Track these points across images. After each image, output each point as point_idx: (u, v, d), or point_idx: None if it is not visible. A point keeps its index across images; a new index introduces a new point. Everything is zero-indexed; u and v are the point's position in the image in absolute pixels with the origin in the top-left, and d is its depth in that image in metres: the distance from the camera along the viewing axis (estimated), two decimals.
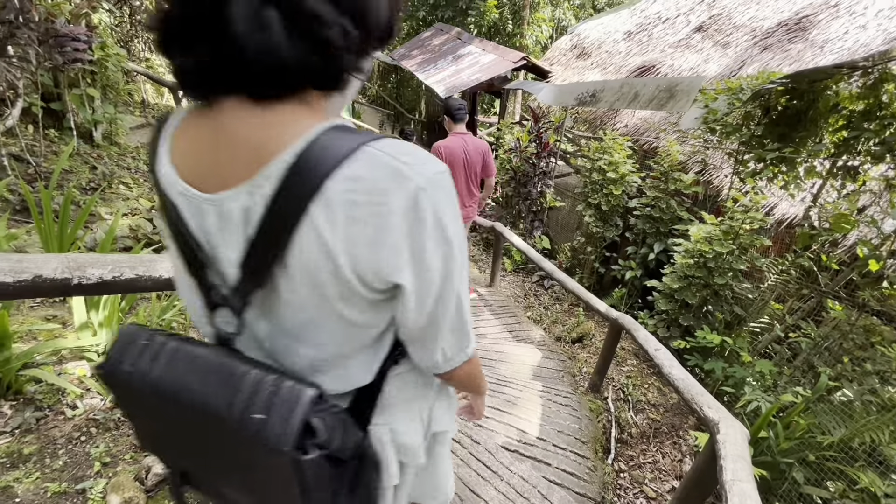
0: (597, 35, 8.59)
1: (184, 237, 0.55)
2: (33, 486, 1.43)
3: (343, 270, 0.50)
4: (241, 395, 0.50)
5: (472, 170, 3.56)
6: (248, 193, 0.50)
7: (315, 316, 0.55)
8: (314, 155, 0.47)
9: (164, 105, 8.33)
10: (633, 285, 4.61)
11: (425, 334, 0.60)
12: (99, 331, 1.68)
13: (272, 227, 0.49)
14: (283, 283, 0.53)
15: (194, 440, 0.59)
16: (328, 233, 0.48)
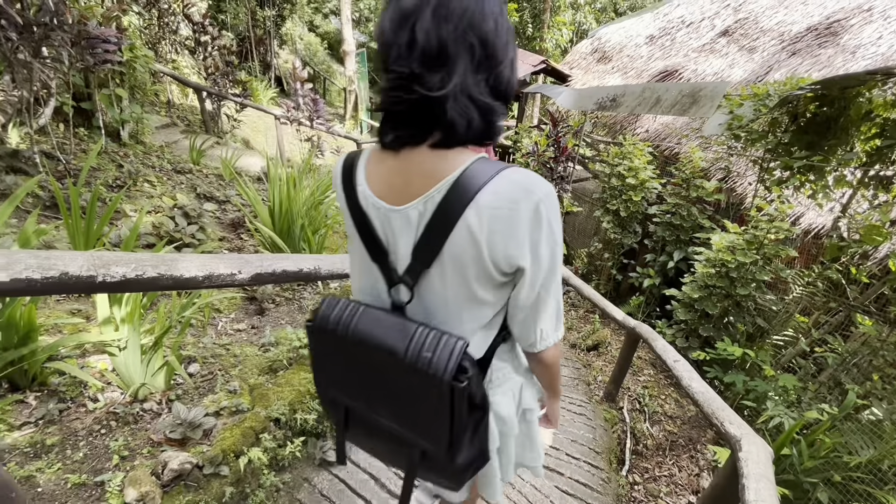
0: (618, 39, 8.49)
1: (371, 234, 0.79)
2: (54, 476, 1.46)
3: (483, 255, 0.71)
4: (415, 341, 0.72)
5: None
6: (423, 203, 0.72)
7: (456, 294, 0.77)
8: (470, 176, 0.69)
9: (188, 105, 8.52)
10: (652, 293, 4.53)
11: (530, 313, 0.79)
12: (121, 326, 1.72)
13: (437, 225, 0.72)
14: (437, 270, 0.75)
15: (370, 377, 0.81)
16: (476, 228, 0.69)
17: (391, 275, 0.81)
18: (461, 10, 0.67)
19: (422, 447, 0.81)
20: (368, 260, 0.83)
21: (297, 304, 2.91)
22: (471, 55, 0.69)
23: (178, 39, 7.83)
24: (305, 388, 1.99)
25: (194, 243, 3.21)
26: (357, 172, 0.80)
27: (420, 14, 0.66)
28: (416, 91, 0.67)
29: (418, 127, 0.71)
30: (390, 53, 0.69)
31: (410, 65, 0.67)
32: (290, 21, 14.43)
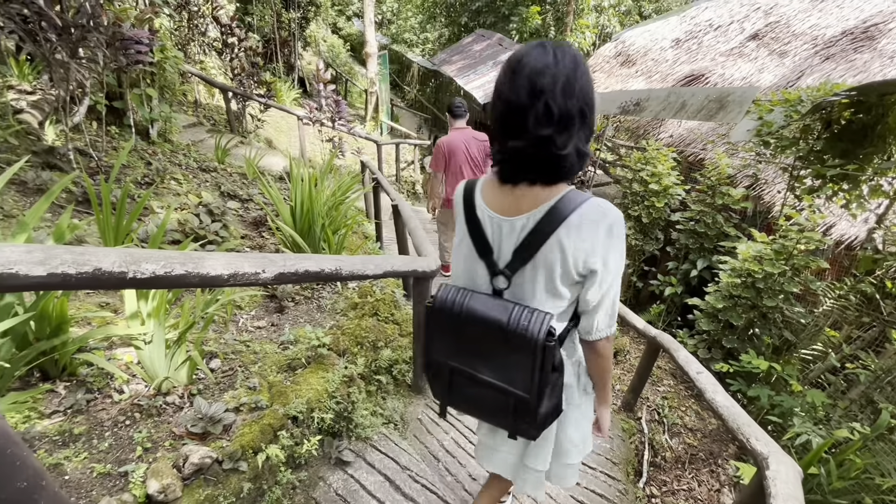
0: (643, 42, 8.36)
1: (482, 237, 1.08)
2: (81, 465, 1.50)
3: (568, 261, 0.98)
4: (514, 314, 1.00)
5: (474, 161, 3.87)
6: (527, 218, 1.00)
7: (543, 287, 1.04)
8: (564, 202, 0.97)
9: (214, 105, 8.72)
10: (673, 302, 4.43)
11: (593, 308, 1.04)
12: (147, 321, 1.76)
13: (536, 234, 0.99)
14: (530, 267, 1.03)
15: (477, 344, 1.08)
16: (565, 240, 0.96)
17: (493, 268, 1.09)
18: (579, 88, 0.91)
19: (517, 397, 1.06)
20: (475, 257, 1.11)
21: (316, 304, 2.94)
22: (581, 119, 0.93)
23: (207, 41, 8.02)
24: (323, 388, 2.00)
25: (217, 240, 3.27)
26: (476, 194, 1.11)
27: (553, 91, 0.89)
28: (549, 150, 0.93)
29: (541, 173, 0.98)
30: (527, 118, 0.91)
31: (548, 130, 0.91)
32: (314, 23, 14.65)
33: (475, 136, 3.92)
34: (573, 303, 1.09)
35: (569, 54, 0.92)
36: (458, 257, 1.17)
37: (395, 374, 2.52)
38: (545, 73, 0.89)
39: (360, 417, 2.06)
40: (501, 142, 0.98)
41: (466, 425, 2.47)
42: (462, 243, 1.14)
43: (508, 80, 0.93)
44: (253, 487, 1.62)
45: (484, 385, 1.10)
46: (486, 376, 1.09)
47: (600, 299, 1.03)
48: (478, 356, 1.10)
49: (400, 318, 2.84)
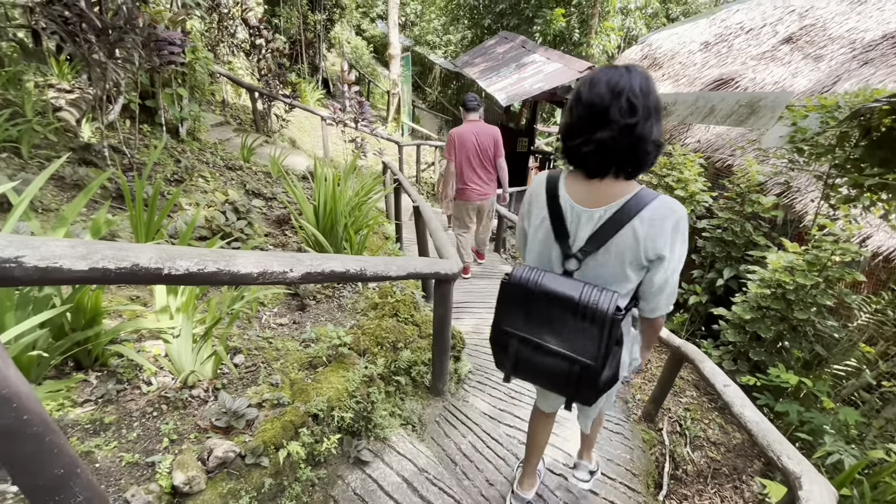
0: (670, 45, 8.21)
1: (561, 223, 1.24)
2: (111, 454, 1.55)
3: (639, 248, 1.14)
4: (585, 291, 1.16)
5: (483, 152, 4.04)
6: (604, 210, 1.17)
7: (611, 270, 1.21)
8: (638, 197, 1.14)
9: (240, 105, 8.92)
10: (697, 311, 4.32)
11: (657, 290, 1.21)
12: (175, 315, 1.81)
13: (611, 224, 1.16)
14: (602, 252, 1.19)
15: (547, 317, 1.23)
16: (639, 230, 1.12)
17: (567, 251, 1.25)
18: (651, 91, 1.12)
19: (582, 364, 1.19)
20: (552, 240, 1.28)
21: (337, 302, 2.97)
22: (657, 114, 1.12)
23: (235, 42, 8.21)
24: (343, 387, 2.01)
25: (242, 238, 3.33)
26: (560, 185, 1.27)
27: (633, 90, 1.09)
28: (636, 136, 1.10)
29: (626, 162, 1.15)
30: (610, 112, 1.09)
31: (633, 119, 1.08)
32: (339, 25, 14.85)
33: (486, 128, 4.05)
34: (635, 287, 1.25)
35: (637, 69, 1.14)
36: (533, 240, 1.35)
37: (414, 375, 2.52)
38: (622, 80, 1.10)
39: (378, 418, 2.07)
40: (587, 136, 1.13)
41: (484, 429, 2.46)
42: (540, 227, 1.31)
43: (588, 89, 1.13)
44: (274, 483, 1.64)
45: (550, 354, 1.24)
46: (553, 346, 1.23)
47: (664, 282, 1.19)
48: (546, 328, 1.24)
49: (419, 320, 2.84)
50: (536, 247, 1.33)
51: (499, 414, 2.73)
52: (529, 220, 1.35)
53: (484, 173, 4.13)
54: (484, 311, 4.22)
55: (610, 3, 12.10)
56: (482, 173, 4.11)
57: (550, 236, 1.27)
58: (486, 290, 4.77)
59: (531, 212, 1.34)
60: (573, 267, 1.24)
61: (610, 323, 1.12)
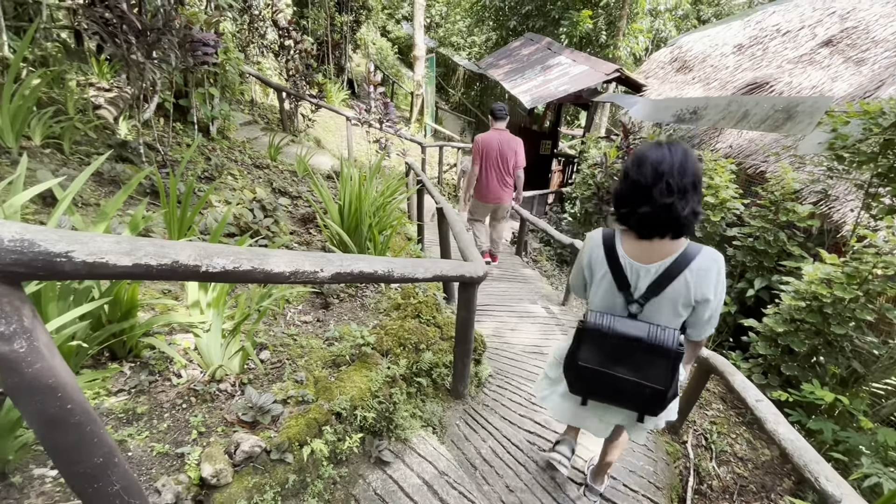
0: (701, 48, 8.01)
1: (622, 277, 1.47)
2: (143, 443, 1.59)
3: (690, 294, 1.39)
4: (651, 331, 1.40)
5: (504, 160, 4.34)
6: (659, 265, 1.41)
7: (667, 311, 1.44)
8: (687, 252, 1.39)
9: (268, 104, 9.10)
10: (725, 322, 4.20)
11: (703, 322, 1.47)
12: (206, 310, 1.85)
13: (666, 276, 1.39)
14: (657, 299, 1.43)
15: (618, 352, 1.47)
16: (689, 279, 1.37)
17: (630, 298, 1.49)
18: (690, 169, 1.33)
19: (653, 389, 1.46)
20: (615, 290, 1.51)
21: (360, 302, 2.99)
22: (694, 189, 1.34)
23: (265, 43, 8.38)
24: (366, 386, 2.02)
25: (269, 235, 3.39)
26: (616, 246, 1.50)
27: (672, 172, 1.31)
28: (673, 213, 1.33)
29: (667, 230, 1.39)
30: (652, 192, 1.33)
31: (669, 199, 1.31)
32: (365, 26, 15.01)
33: (510, 138, 4.37)
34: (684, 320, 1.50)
35: (679, 147, 1.36)
36: (597, 290, 1.57)
37: (435, 377, 2.52)
38: (664, 162, 1.32)
39: (400, 419, 2.08)
40: (632, 208, 1.40)
41: (504, 434, 2.44)
42: (603, 280, 1.53)
43: (636, 168, 1.37)
44: (297, 479, 1.65)
45: (623, 381, 1.49)
46: (626, 376, 1.48)
47: (710, 316, 1.46)
48: (619, 362, 1.49)
49: (441, 322, 2.84)
50: (601, 294, 1.56)
51: (519, 419, 2.71)
52: (591, 272, 1.58)
53: (502, 179, 4.45)
54: (505, 315, 4.20)
55: (639, 5, 11.88)
56: (501, 179, 4.43)
57: (613, 287, 1.51)
58: (507, 293, 4.74)
59: (592, 267, 1.57)
60: (636, 311, 1.49)
61: (674, 356, 1.40)
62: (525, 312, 4.34)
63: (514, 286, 4.97)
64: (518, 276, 5.33)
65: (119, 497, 1.06)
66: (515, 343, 3.76)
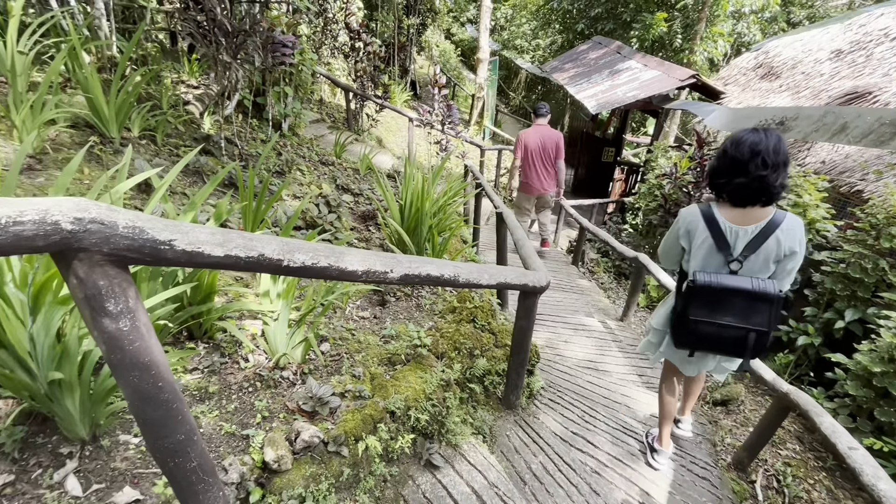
0: (791, 53, 7.37)
1: (723, 239, 1.79)
2: (213, 421, 1.68)
3: (780, 249, 1.72)
4: (754, 282, 1.72)
5: (546, 154, 4.77)
6: (754, 227, 1.75)
7: (760, 266, 1.77)
8: (777, 216, 1.73)
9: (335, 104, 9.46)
10: (806, 354, 3.82)
11: (787, 273, 1.78)
12: (276, 300, 1.93)
13: (760, 236, 1.73)
14: (753, 255, 1.75)
15: (726, 303, 1.77)
16: (781, 238, 1.71)
17: (729, 257, 1.79)
18: (782, 150, 1.64)
19: (758, 331, 1.76)
20: (715, 251, 1.81)
21: (415, 302, 3.01)
22: (784, 166, 1.65)
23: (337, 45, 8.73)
24: (421, 388, 2.03)
25: (331, 230, 3.51)
26: (715, 213, 1.81)
27: (767, 150, 1.62)
28: (765, 184, 1.65)
29: (761, 198, 1.70)
30: (748, 166, 1.65)
31: (764, 172, 1.63)
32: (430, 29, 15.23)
33: (550, 132, 4.75)
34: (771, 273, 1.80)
35: (773, 133, 1.67)
36: (697, 253, 1.88)
37: (487, 384, 2.48)
38: (760, 143, 1.64)
39: (452, 423, 2.06)
40: (728, 179, 1.73)
41: (556, 451, 2.35)
42: (703, 245, 1.85)
43: (734, 147, 1.70)
44: (351, 473, 1.68)
45: (731, 328, 1.79)
46: (734, 323, 1.78)
47: (792, 268, 1.77)
48: (727, 311, 1.78)
49: (496, 328, 2.79)
50: (701, 257, 1.87)
51: (571, 437, 2.61)
52: (690, 240, 1.90)
53: (544, 171, 4.86)
54: (559, 326, 4.07)
55: (720, 7, 11.15)
56: (542, 171, 4.85)
57: (713, 249, 1.82)
58: (562, 303, 4.60)
59: (691, 235, 1.89)
60: (736, 268, 1.79)
61: (777, 301, 1.71)
62: (580, 325, 4.19)
63: (570, 297, 4.81)
64: (574, 286, 5.16)
65: (195, 473, 1.11)
66: (569, 356, 3.63)
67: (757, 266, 1.75)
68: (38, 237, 0.72)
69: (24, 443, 1.38)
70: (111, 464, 1.44)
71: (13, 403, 1.44)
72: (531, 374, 2.85)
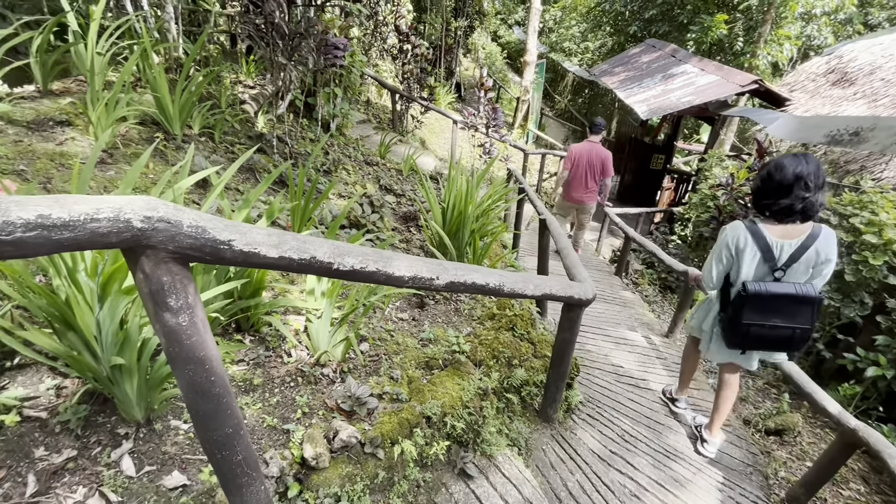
0: (869, 58, 6.81)
1: (770, 252, 2.06)
2: (256, 413, 1.73)
3: (818, 258, 2.02)
4: (798, 287, 2.04)
5: (593, 169, 5.01)
6: (796, 240, 2.03)
7: (800, 274, 2.06)
8: (814, 230, 2.02)
9: (381, 104, 9.62)
10: (875, 386, 3.50)
11: (823, 277, 2.06)
12: (320, 299, 1.96)
13: (801, 248, 2.02)
14: (795, 265, 2.04)
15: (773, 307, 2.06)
16: (819, 248, 2.01)
17: (774, 267, 2.05)
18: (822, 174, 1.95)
19: (802, 329, 2.06)
20: (762, 263, 2.08)
21: (454, 306, 3.00)
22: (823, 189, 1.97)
23: (385, 47, 8.88)
24: (458, 395, 2.00)
25: (374, 230, 3.55)
26: (761, 230, 2.06)
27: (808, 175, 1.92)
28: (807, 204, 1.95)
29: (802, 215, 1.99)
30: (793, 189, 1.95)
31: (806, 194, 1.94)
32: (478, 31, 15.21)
33: (599, 150, 4.98)
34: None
35: (811, 157, 1.95)
36: (745, 265, 2.11)
37: (524, 395, 2.42)
38: (802, 168, 1.92)
39: (487, 433, 2.02)
40: (774, 200, 2.01)
41: (594, 470, 2.26)
42: (754, 259, 2.10)
43: (778, 172, 1.97)
44: (386, 476, 1.68)
45: (779, 328, 2.08)
46: (781, 323, 2.06)
47: (827, 272, 2.03)
48: (775, 314, 2.06)
49: (535, 338, 2.73)
50: (750, 269, 2.12)
51: (609, 456, 2.50)
52: (738, 253, 2.12)
53: (588, 185, 5.12)
54: (599, 338, 3.94)
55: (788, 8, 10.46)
56: (586, 185, 5.12)
57: (760, 261, 2.09)
58: (604, 315, 4.45)
59: (739, 248, 2.12)
60: (780, 276, 2.06)
61: (818, 301, 2.02)
62: (622, 339, 4.03)
63: (612, 309, 4.65)
64: (617, 298, 4.98)
65: (240, 466, 1.14)
66: (609, 371, 3.50)
67: (798, 274, 2.04)
68: (112, 234, 0.75)
69: (86, 421, 1.47)
70: (162, 447, 1.50)
71: (79, 383, 1.54)
72: (570, 388, 2.76)
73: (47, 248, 0.70)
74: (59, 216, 0.68)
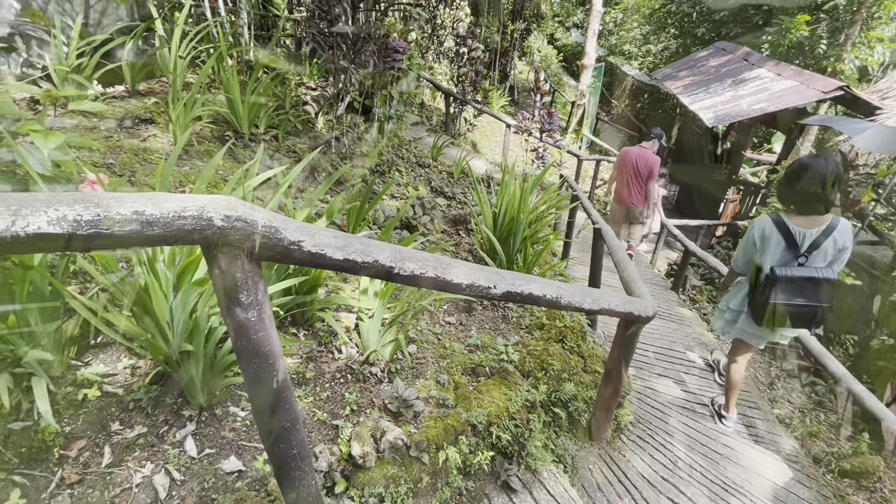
0: None
1: (793, 240, 2.32)
2: (307, 407, 1.78)
3: (836, 246, 2.30)
4: (818, 271, 2.29)
5: (638, 173, 5.13)
6: (817, 229, 2.30)
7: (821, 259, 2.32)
8: (832, 221, 2.31)
9: (434, 107, 9.72)
10: None
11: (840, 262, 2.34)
12: (373, 299, 1.99)
13: (822, 236, 2.29)
14: (816, 251, 2.31)
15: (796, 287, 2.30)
16: (838, 237, 2.29)
17: (797, 254, 2.31)
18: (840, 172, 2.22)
19: (822, 307, 2.29)
20: (785, 250, 2.33)
21: (502, 313, 2.95)
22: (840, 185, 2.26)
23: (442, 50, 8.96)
24: (504, 405, 1.97)
25: (425, 232, 3.58)
26: (786, 221, 2.33)
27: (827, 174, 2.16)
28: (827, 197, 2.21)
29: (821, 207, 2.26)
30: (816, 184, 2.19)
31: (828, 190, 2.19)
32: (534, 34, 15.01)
33: (647, 156, 5.11)
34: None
35: (831, 158, 2.20)
36: (770, 252, 2.36)
37: (572, 410, 2.34)
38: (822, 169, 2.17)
39: (533, 447, 1.97)
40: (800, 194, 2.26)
41: (643, 496, 2.15)
42: (778, 246, 2.34)
43: (803, 171, 2.21)
44: (429, 481, 1.67)
45: (801, 307, 2.29)
46: (804, 302, 2.28)
47: (844, 259, 2.30)
48: (798, 293, 2.28)
49: (585, 352, 2.63)
50: (772, 254, 2.36)
51: (660, 482, 2.36)
52: (764, 242, 2.38)
53: (634, 188, 5.23)
54: (652, 356, 3.74)
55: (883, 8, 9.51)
56: (632, 188, 5.24)
57: (785, 248, 2.33)
58: (658, 332, 4.23)
59: (766, 238, 2.37)
60: (802, 261, 2.30)
61: (836, 283, 2.24)
62: (677, 358, 3.81)
63: (668, 326, 4.41)
64: (673, 315, 4.72)
65: (294, 461, 1.17)
66: (662, 391, 3.32)
67: (818, 259, 2.28)
68: (196, 231, 0.79)
69: (156, 401, 1.57)
70: (221, 432, 1.58)
71: (151, 365, 1.65)
72: (620, 406, 2.64)
73: (137, 241, 0.74)
74: (152, 213, 0.72)
